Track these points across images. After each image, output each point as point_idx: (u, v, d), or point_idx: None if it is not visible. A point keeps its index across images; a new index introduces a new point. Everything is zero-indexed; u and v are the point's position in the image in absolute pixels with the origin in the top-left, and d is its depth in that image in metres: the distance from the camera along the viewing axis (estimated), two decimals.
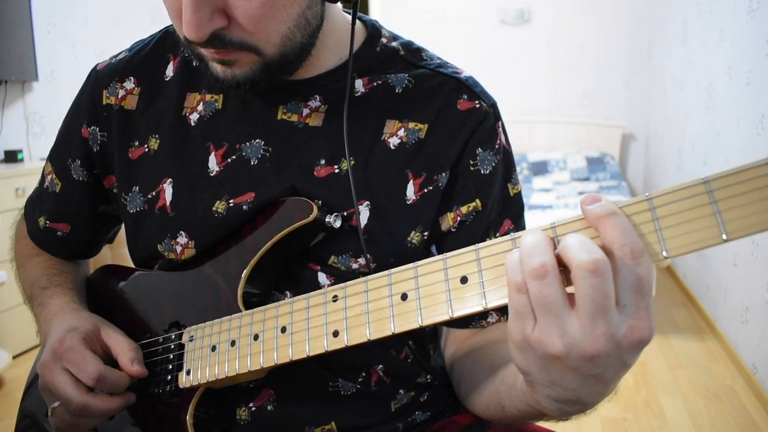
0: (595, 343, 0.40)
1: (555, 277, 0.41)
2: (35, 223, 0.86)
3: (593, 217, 0.42)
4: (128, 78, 0.77)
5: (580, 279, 0.40)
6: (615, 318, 0.40)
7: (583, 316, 0.40)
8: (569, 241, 0.41)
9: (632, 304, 0.41)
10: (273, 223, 0.68)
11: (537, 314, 0.42)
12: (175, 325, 0.71)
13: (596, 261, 0.39)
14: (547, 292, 0.41)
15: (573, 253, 0.40)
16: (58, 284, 0.80)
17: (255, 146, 0.71)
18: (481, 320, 0.73)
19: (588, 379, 0.43)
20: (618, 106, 4.46)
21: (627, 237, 0.41)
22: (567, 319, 0.41)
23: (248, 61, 0.61)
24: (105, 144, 0.78)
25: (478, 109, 0.72)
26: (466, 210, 0.71)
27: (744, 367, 2.38)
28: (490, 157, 0.71)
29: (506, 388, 0.59)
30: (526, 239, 0.43)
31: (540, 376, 0.45)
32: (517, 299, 0.43)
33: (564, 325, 0.41)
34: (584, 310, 0.40)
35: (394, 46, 0.75)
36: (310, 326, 0.57)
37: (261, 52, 0.60)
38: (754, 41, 2.38)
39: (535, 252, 0.42)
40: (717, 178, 0.40)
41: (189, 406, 0.67)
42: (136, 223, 0.76)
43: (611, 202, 0.42)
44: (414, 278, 0.51)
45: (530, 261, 0.41)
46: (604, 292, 0.39)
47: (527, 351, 0.44)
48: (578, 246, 0.40)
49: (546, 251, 0.42)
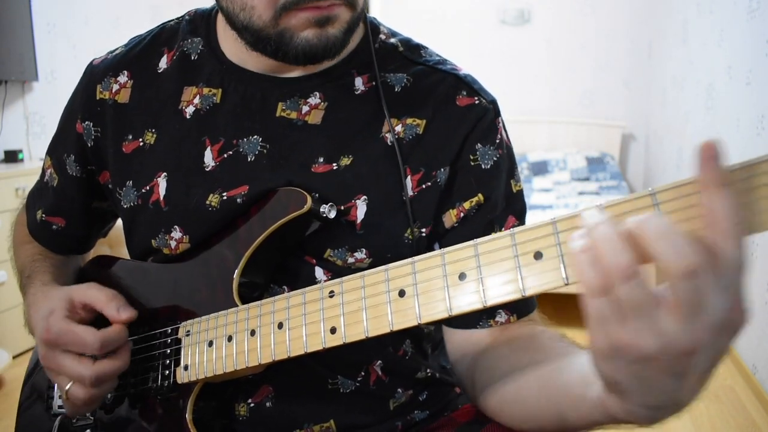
0: (694, 337, 0.37)
1: (642, 274, 0.37)
2: (34, 216, 0.86)
3: (706, 181, 0.37)
4: (122, 72, 0.77)
5: (675, 281, 0.36)
6: (712, 304, 0.36)
7: (680, 312, 0.36)
8: (651, 233, 0.36)
9: (730, 287, 0.37)
10: (267, 215, 0.67)
11: (626, 316, 0.38)
12: (170, 319, 0.71)
13: (694, 264, 0.35)
14: (638, 292, 0.37)
15: (663, 254, 0.36)
16: (37, 270, 0.81)
17: (252, 142, 0.71)
18: (488, 320, 0.69)
19: (685, 377, 0.40)
20: (618, 106, 4.46)
21: (738, 215, 0.37)
22: (661, 316, 0.37)
23: (343, 19, 0.63)
24: (99, 139, 0.78)
25: (477, 105, 0.71)
26: (469, 205, 0.70)
27: (744, 367, 2.38)
28: (491, 152, 0.71)
29: (570, 401, 0.53)
30: (598, 233, 0.38)
31: (632, 384, 0.41)
32: (598, 304, 0.38)
33: (657, 322, 0.37)
34: (681, 308, 0.36)
35: (393, 42, 0.75)
36: (307, 322, 0.57)
37: (355, 3, 0.63)
38: (754, 41, 2.37)
39: (617, 249, 0.37)
40: None
41: (188, 401, 0.66)
42: (130, 219, 0.76)
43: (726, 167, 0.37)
44: (411, 274, 0.50)
45: (615, 261, 0.36)
46: (704, 291, 0.36)
47: (617, 358, 0.40)
48: (667, 244, 0.36)
49: (626, 246, 0.37)
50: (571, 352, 0.58)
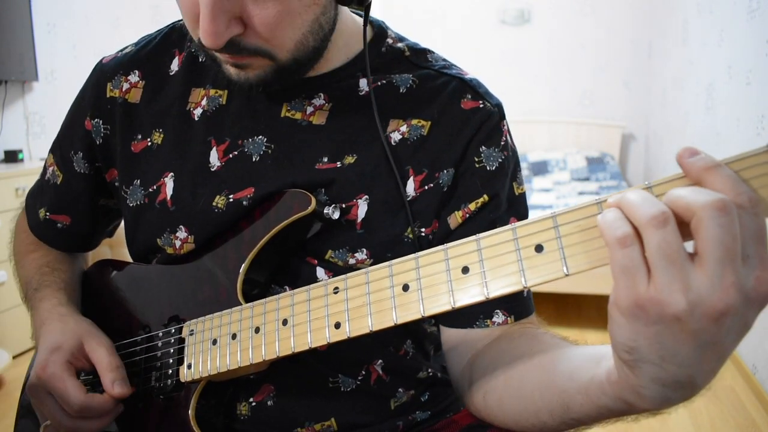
0: (725, 295, 0.36)
1: (675, 225, 0.38)
2: (35, 215, 0.86)
3: (696, 170, 0.39)
4: (133, 71, 0.78)
5: (707, 219, 0.36)
6: (743, 269, 0.37)
7: (711, 263, 0.36)
8: (679, 191, 0.38)
9: (756, 255, 0.37)
10: (271, 216, 0.68)
11: (654, 268, 0.38)
12: (174, 319, 0.71)
13: (722, 199, 0.36)
14: (671, 239, 0.37)
15: (693, 197, 0.37)
16: (47, 284, 0.80)
17: (257, 143, 0.71)
18: (486, 320, 0.69)
19: (707, 349, 0.39)
20: (618, 106, 4.46)
21: (740, 185, 0.38)
22: (690, 271, 0.37)
23: (262, 65, 0.62)
24: (108, 137, 0.78)
25: (481, 109, 0.72)
26: (474, 206, 0.71)
27: (744, 367, 2.38)
28: (496, 154, 0.71)
29: (578, 385, 0.51)
30: (629, 195, 0.40)
31: (650, 350, 0.40)
32: (624, 254, 0.38)
33: (687, 277, 0.37)
34: (712, 256, 0.36)
35: (400, 47, 0.76)
36: (312, 318, 0.57)
37: (275, 57, 0.61)
38: (754, 41, 2.38)
39: (648, 202, 0.38)
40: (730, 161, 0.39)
41: (191, 400, 0.67)
42: (135, 217, 0.76)
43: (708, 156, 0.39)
44: (415, 269, 0.51)
45: (647, 210, 0.38)
46: (734, 233, 0.36)
47: (639, 317, 0.39)
48: (694, 191, 0.37)
49: (659, 201, 0.38)
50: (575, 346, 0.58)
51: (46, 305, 0.76)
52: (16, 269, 0.88)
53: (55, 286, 0.80)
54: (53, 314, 0.74)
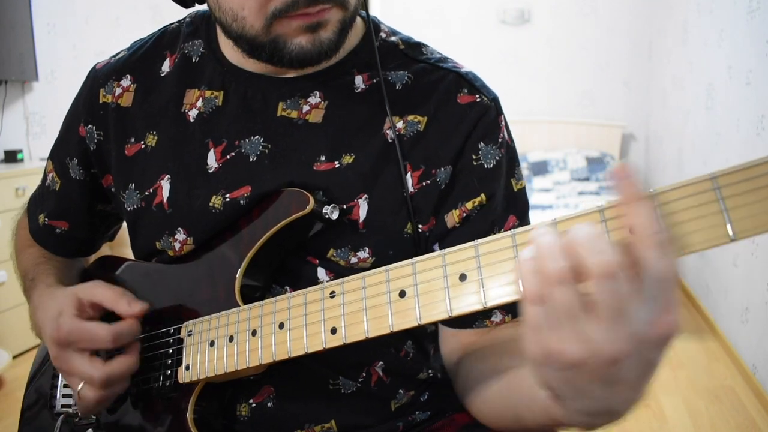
0: (617, 345, 0.38)
1: (573, 282, 0.38)
2: (35, 220, 0.86)
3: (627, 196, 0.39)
4: (125, 76, 0.78)
5: (596, 284, 0.37)
6: (637, 315, 0.38)
7: (605, 319, 0.37)
8: (578, 238, 0.38)
9: (657, 297, 0.38)
10: (269, 216, 0.68)
11: (555, 323, 0.39)
12: (173, 319, 0.71)
13: (608, 264, 0.37)
14: (568, 298, 0.38)
15: (584, 255, 0.37)
16: (41, 272, 0.81)
17: (254, 143, 0.71)
18: (484, 319, 0.70)
19: (616, 386, 0.40)
20: (618, 106, 4.46)
21: (657, 225, 0.38)
22: (587, 323, 0.38)
23: (335, 21, 0.63)
24: (102, 143, 0.78)
25: (478, 103, 0.71)
26: (471, 205, 0.70)
27: (744, 367, 2.38)
28: (494, 151, 0.71)
29: (524, 402, 0.55)
30: (540, 241, 0.40)
31: (565, 389, 0.42)
32: (534, 311, 0.40)
33: (584, 330, 0.38)
34: (604, 312, 0.37)
35: (394, 40, 0.75)
36: (308, 323, 0.57)
37: (346, 4, 0.62)
38: (754, 41, 2.37)
39: (554, 256, 0.38)
40: (724, 174, 0.38)
41: (189, 401, 0.67)
42: (133, 221, 0.76)
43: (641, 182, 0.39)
44: (412, 275, 0.50)
45: (551, 266, 0.38)
46: (622, 293, 0.37)
47: (548, 366, 0.41)
48: (589, 246, 0.38)
49: (563, 254, 0.38)
50: None
51: (37, 292, 0.78)
52: (16, 264, 0.89)
53: (47, 272, 0.81)
54: (43, 295, 0.76)
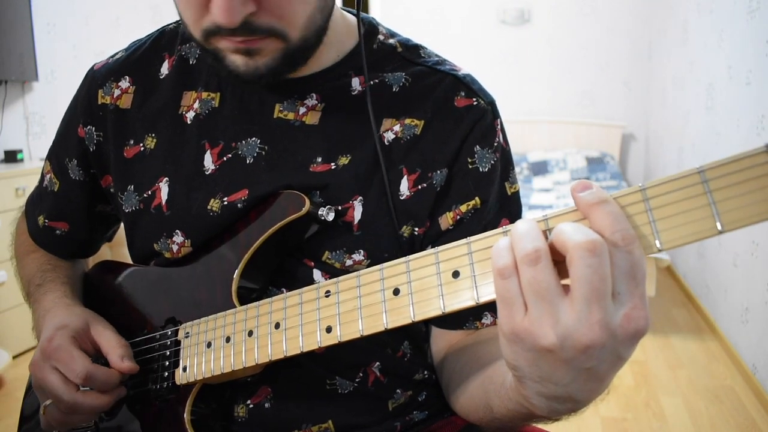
0: (590, 332, 0.38)
1: (549, 263, 0.40)
2: (35, 222, 0.86)
3: (584, 204, 0.41)
4: (124, 77, 0.77)
5: (577, 259, 0.38)
6: (610, 306, 0.39)
7: (579, 301, 0.38)
8: (563, 226, 0.40)
9: (627, 292, 0.39)
10: (266, 218, 0.68)
11: (528, 302, 0.40)
12: (171, 321, 0.71)
13: (594, 241, 0.38)
14: (541, 278, 0.39)
15: (569, 236, 0.39)
16: (51, 279, 0.81)
17: (251, 145, 0.71)
18: (475, 321, 0.71)
19: (581, 374, 0.41)
20: (618, 106, 4.46)
21: (618, 223, 0.39)
22: (560, 307, 0.39)
23: (272, 49, 0.61)
24: (101, 144, 0.78)
25: (475, 107, 0.71)
26: (466, 208, 0.70)
27: (744, 367, 2.38)
28: (489, 155, 0.71)
29: (495, 387, 0.57)
30: (518, 226, 0.41)
31: (530, 370, 0.43)
32: (503, 285, 0.41)
33: (557, 313, 0.39)
34: (580, 294, 0.38)
35: (392, 43, 0.75)
36: (304, 322, 0.57)
37: (287, 37, 0.60)
38: (754, 41, 2.37)
39: (528, 237, 0.40)
40: (712, 167, 0.39)
41: (186, 403, 0.67)
42: (132, 223, 0.76)
43: (602, 189, 0.41)
44: (406, 273, 0.50)
45: (523, 245, 0.40)
46: (601, 274, 0.38)
47: (516, 343, 0.42)
48: (574, 229, 0.39)
49: (539, 237, 0.40)
50: None
51: (50, 297, 0.77)
52: (17, 269, 0.89)
53: (58, 281, 0.81)
54: (59, 303, 0.75)
